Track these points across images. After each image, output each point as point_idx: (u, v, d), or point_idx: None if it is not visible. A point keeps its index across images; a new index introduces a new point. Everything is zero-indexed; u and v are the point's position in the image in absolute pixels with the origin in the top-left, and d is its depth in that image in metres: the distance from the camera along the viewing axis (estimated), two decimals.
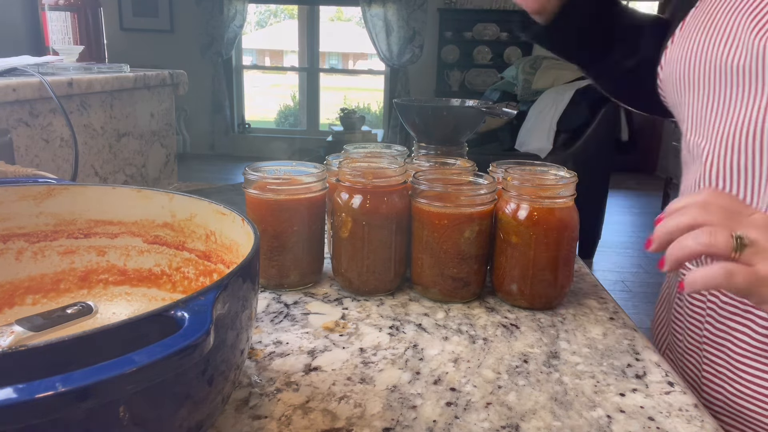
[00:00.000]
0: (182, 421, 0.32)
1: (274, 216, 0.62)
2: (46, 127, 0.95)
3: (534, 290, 0.61)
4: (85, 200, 0.51)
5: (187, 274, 0.51)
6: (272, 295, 0.63)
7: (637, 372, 0.51)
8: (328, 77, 6.75)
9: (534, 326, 0.59)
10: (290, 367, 0.49)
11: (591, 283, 0.71)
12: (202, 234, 0.49)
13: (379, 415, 0.43)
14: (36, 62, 1.03)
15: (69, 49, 1.28)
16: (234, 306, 0.34)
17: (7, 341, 0.39)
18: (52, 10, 1.28)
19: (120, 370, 0.23)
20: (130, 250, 0.52)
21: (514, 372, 0.50)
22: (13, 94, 0.87)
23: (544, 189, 0.61)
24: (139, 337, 0.27)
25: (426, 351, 0.53)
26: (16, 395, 0.21)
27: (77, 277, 0.52)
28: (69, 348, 0.25)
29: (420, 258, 0.63)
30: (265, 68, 7.78)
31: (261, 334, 0.54)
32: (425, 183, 0.62)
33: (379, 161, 0.68)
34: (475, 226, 0.61)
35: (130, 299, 0.52)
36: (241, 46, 6.33)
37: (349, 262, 0.63)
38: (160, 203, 0.51)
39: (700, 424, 0.44)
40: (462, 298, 0.63)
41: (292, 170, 0.67)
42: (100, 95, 1.10)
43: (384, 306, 0.62)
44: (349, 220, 0.62)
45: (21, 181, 0.51)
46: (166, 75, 1.32)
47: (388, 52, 5.78)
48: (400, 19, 5.65)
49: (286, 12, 7.24)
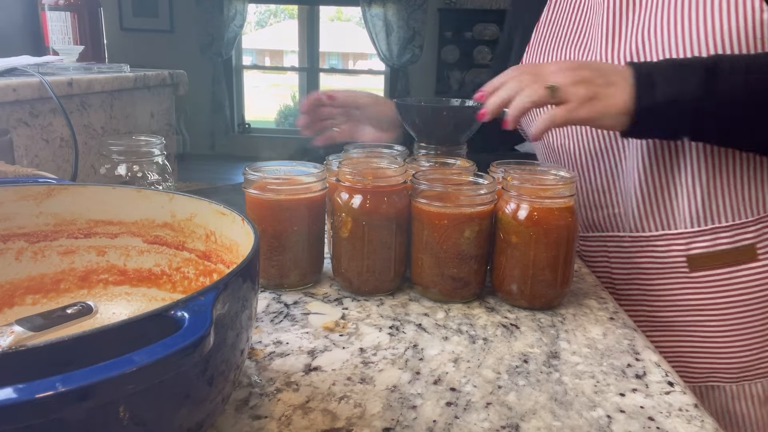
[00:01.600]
0: (182, 421, 0.32)
1: (274, 216, 0.62)
2: (46, 127, 0.95)
3: (534, 290, 0.61)
4: (85, 200, 0.51)
5: (187, 274, 0.51)
6: (272, 295, 0.63)
7: (637, 372, 0.51)
8: (328, 77, 6.75)
9: (534, 326, 0.59)
10: (290, 367, 0.49)
11: (591, 283, 0.71)
12: (202, 234, 0.49)
13: (379, 415, 0.43)
14: (36, 62, 1.03)
15: (69, 49, 1.28)
16: (234, 306, 0.34)
17: (7, 341, 0.39)
18: (52, 10, 1.28)
19: (120, 370, 0.23)
20: (130, 250, 0.52)
21: (514, 372, 0.50)
22: (13, 94, 0.87)
23: (544, 189, 0.61)
24: (139, 337, 0.27)
25: (426, 351, 0.53)
26: (16, 395, 0.21)
27: (77, 277, 0.52)
28: (69, 348, 0.25)
29: (420, 258, 0.63)
30: (265, 68, 7.78)
31: (261, 334, 0.54)
32: (425, 183, 0.62)
33: (379, 161, 0.68)
34: (475, 226, 0.61)
35: (130, 299, 0.52)
36: (241, 46, 6.34)
37: (349, 262, 0.63)
38: (160, 203, 0.51)
39: (700, 424, 0.44)
40: (462, 298, 0.63)
41: (292, 170, 0.67)
42: (100, 95, 1.10)
43: (384, 306, 0.62)
44: (349, 220, 0.62)
45: (21, 181, 0.51)
46: (166, 75, 1.33)
47: (388, 52, 5.78)
48: (400, 19, 5.65)
49: (286, 12, 7.24)
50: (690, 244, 0.72)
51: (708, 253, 0.71)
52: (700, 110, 0.59)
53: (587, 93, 0.59)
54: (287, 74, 7.21)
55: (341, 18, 7.15)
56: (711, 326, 0.74)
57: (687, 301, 0.74)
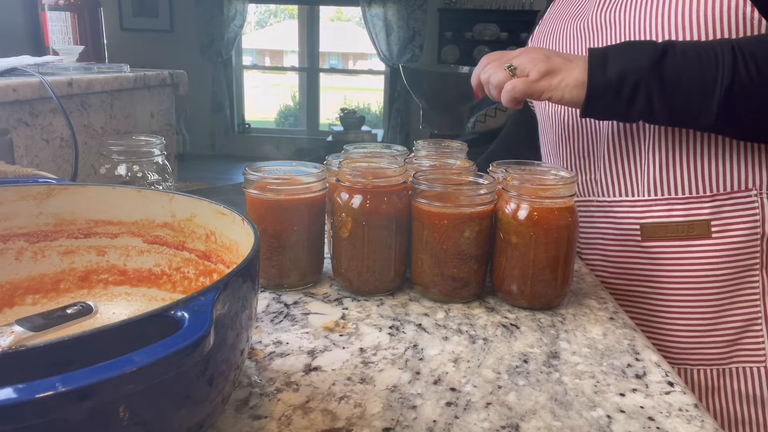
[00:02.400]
0: (182, 421, 0.32)
1: (274, 216, 0.62)
2: (46, 127, 0.95)
3: (534, 290, 0.61)
4: (85, 200, 0.51)
5: (187, 274, 0.51)
6: (272, 295, 0.63)
7: (637, 372, 0.51)
8: (328, 77, 6.75)
9: (534, 326, 0.59)
10: (290, 367, 0.49)
11: (591, 283, 0.71)
12: (202, 234, 0.49)
13: (379, 415, 0.43)
14: (36, 62, 1.03)
15: (69, 49, 1.28)
16: (234, 306, 0.34)
17: (7, 341, 0.39)
18: (52, 10, 1.28)
19: (120, 370, 0.23)
20: (130, 250, 0.52)
21: (514, 372, 0.50)
22: (13, 94, 0.87)
23: (544, 189, 0.61)
24: (139, 337, 0.27)
25: (426, 351, 0.53)
26: (16, 395, 0.21)
27: (77, 277, 0.52)
28: (69, 348, 0.25)
29: (420, 258, 0.63)
30: (265, 68, 7.78)
31: (261, 334, 0.54)
32: (425, 183, 0.62)
33: (379, 161, 0.68)
34: (475, 226, 0.61)
35: (130, 299, 0.52)
36: (241, 46, 6.33)
37: (349, 262, 0.63)
38: (160, 203, 0.51)
39: (700, 424, 0.44)
40: (462, 298, 0.63)
41: (292, 170, 0.67)
42: (100, 95, 1.10)
43: (384, 306, 0.62)
44: (349, 220, 0.62)
45: (21, 181, 0.51)
46: (166, 75, 1.33)
47: (388, 52, 5.78)
48: (400, 19, 5.65)
49: (286, 12, 7.24)
50: (645, 212, 0.73)
51: (661, 224, 0.72)
52: (648, 88, 0.62)
53: (545, 67, 0.66)
54: (287, 74, 7.21)
55: (341, 18, 7.15)
56: (658, 300, 0.74)
57: (638, 271, 0.75)
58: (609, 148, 0.75)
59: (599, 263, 0.80)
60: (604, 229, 0.78)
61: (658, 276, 0.74)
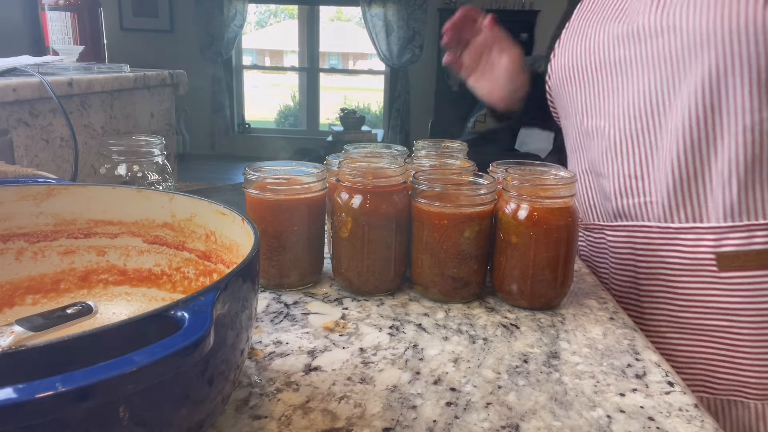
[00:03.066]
0: (182, 421, 0.32)
1: (274, 216, 0.62)
2: (46, 127, 0.95)
3: (534, 290, 0.61)
4: (85, 200, 0.51)
5: (187, 274, 0.51)
6: (272, 295, 0.63)
7: (637, 372, 0.51)
8: (328, 77, 6.75)
9: (534, 326, 0.59)
10: (290, 367, 0.49)
11: (591, 283, 0.71)
12: (202, 234, 0.49)
13: (379, 415, 0.43)
14: (36, 62, 1.03)
15: (69, 49, 1.28)
16: (234, 306, 0.34)
17: (7, 341, 0.39)
18: (52, 10, 1.28)
19: (120, 370, 0.23)
20: (130, 250, 0.52)
21: (514, 372, 0.50)
22: (13, 94, 0.87)
23: (544, 189, 0.61)
24: (139, 337, 0.27)
25: (426, 351, 0.53)
26: (16, 395, 0.21)
27: (77, 277, 0.52)
28: (69, 348, 0.25)
29: (420, 258, 0.63)
30: (265, 68, 7.78)
31: (261, 334, 0.54)
32: (425, 183, 0.62)
33: (379, 161, 0.68)
34: (475, 226, 0.61)
35: (130, 299, 0.52)
36: (241, 46, 6.34)
37: (349, 262, 0.63)
38: (160, 203, 0.51)
39: (700, 424, 0.44)
40: (462, 298, 0.63)
41: (292, 170, 0.67)
42: (100, 95, 1.10)
43: (384, 306, 0.62)
44: (349, 220, 0.62)
45: (21, 181, 0.51)
46: (166, 75, 1.33)
47: (388, 52, 5.78)
48: (400, 19, 5.65)
49: (286, 12, 7.24)
50: (721, 240, 0.67)
51: (740, 252, 0.66)
52: None
53: None
54: (287, 74, 7.21)
55: (341, 18, 7.15)
56: (740, 334, 0.68)
57: (714, 303, 0.68)
58: (674, 169, 0.67)
59: (664, 295, 0.72)
60: (668, 258, 0.70)
61: (737, 308, 0.67)
